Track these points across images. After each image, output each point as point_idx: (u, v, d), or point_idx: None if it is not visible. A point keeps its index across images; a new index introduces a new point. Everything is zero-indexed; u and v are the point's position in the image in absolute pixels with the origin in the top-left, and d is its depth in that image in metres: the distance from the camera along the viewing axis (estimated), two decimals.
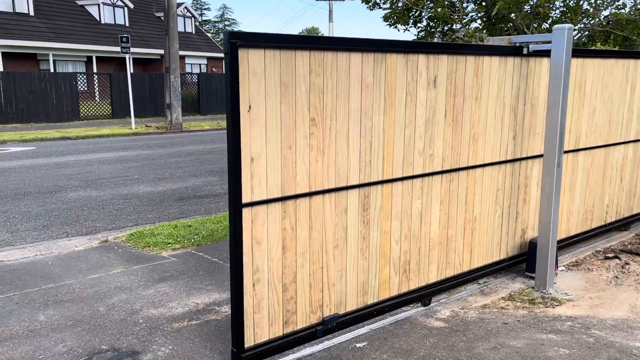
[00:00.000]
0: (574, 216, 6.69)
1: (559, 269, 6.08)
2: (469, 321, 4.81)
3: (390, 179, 4.76)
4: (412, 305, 5.17)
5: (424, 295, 5.17)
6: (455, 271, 5.49)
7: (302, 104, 4.08)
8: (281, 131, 3.99)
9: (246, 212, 3.89)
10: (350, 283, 4.64)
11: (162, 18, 27.62)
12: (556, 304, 5.23)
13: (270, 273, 4.11)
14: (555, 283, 5.64)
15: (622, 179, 7.29)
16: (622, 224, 7.48)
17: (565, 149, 6.31)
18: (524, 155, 5.85)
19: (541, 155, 6.04)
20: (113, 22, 35.76)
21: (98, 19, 35.05)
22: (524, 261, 6.14)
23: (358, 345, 4.40)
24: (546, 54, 5.60)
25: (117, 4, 36.07)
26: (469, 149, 5.31)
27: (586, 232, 6.90)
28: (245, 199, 3.87)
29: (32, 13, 31.16)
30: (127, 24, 36.94)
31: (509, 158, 5.70)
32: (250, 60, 3.75)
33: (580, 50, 6.23)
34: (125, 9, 36.69)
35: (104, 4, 35.18)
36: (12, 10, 30.13)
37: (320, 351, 4.34)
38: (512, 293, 5.50)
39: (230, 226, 3.88)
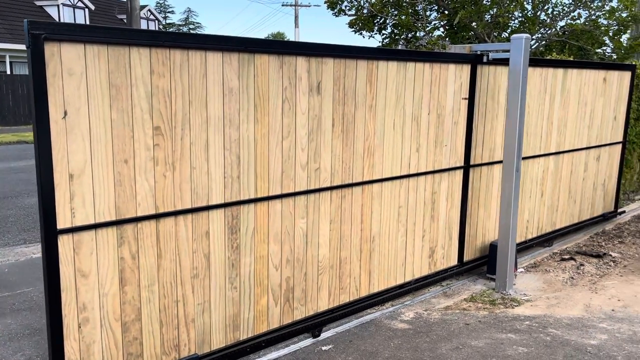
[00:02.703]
0: (490, 233, 6.04)
1: (518, 270, 5.99)
2: (432, 322, 4.71)
3: (266, 197, 4.00)
4: (376, 308, 4.95)
5: (311, 325, 4.42)
6: (352, 297, 4.76)
7: (142, 110, 3.30)
8: (112, 142, 3.19)
9: (65, 240, 3.08)
10: (216, 317, 3.86)
11: (125, 20, 26.44)
12: (515, 304, 5.18)
13: (104, 311, 3.30)
14: (514, 284, 5.61)
15: (543, 193, 6.69)
16: (545, 240, 6.88)
17: (478, 162, 5.67)
18: (430, 169, 5.17)
19: (450, 169, 5.37)
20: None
21: (57, 20, 33.45)
22: (433, 283, 5.46)
23: (324, 348, 4.22)
24: (504, 62, 5.28)
25: (77, 5, 34.43)
26: (363, 162, 4.60)
27: None
28: (63, 223, 3.06)
29: None
30: None
31: (412, 172, 5.01)
32: (64, 57, 2.95)
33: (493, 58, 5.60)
34: (86, 10, 35.05)
35: (64, 5, 33.52)
36: None
37: (286, 355, 4.13)
38: (473, 294, 5.40)
39: (43, 257, 3.06)
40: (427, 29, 11.74)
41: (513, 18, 10.89)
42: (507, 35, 11.02)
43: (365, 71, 4.44)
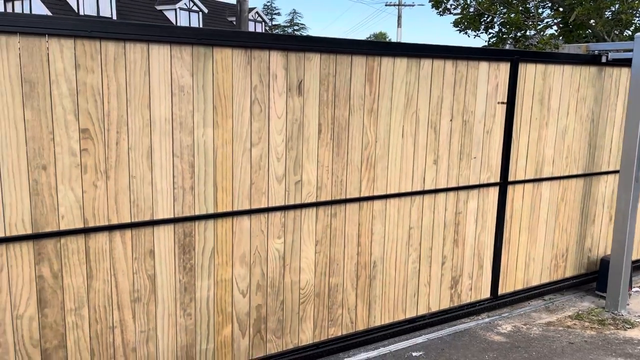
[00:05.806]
0: (536, 263, 4.89)
1: (633, 289, 5.30)
2: (532, 338, 4.30)
3: (230, 212, 3.33)
4: (470, 317, 4.54)
5: None
6: (345, 330, 3.95)
7: (65, 110, 2.76)
8: (27, 145, 2.69)
9: None
10: (163, 347, 3.26)
11: (235, 22, 26.97)
12: (628, 326, 4.61)
13: (19, 335, 2.82)
14: (628, 304, 4.97)
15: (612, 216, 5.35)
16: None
17: (521, 178, 4.56)
18: (452, 185, 4.19)
19: (480, 186, 4.34)
20: (188, 26, 35.70)
21: (174, 23, 35.13)
22: (454, 318, 4.47)
23: (414, 354, 3.97)
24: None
25: (192, 9, 36.01)
26: (361, 175, 3.76)
27: (557, 283, 5.07)
28: None
29: (114, 17, 31.62)
30: None
31: (427, 188, 4.07)
32: None
33: (541, 54, 4.46)
34: (200, 13, 36.57)
35: (181, 9, 35.22)
36: (96, 14, 30.67)
37: (374, 357, 3.93)
38: (579, 312, 4.86)
39: None
40: (539, 27, 10.52)
41: (637, 15, 9.47)
42: (629, 33, 9.73)
43: (363, 69, 3.59)
